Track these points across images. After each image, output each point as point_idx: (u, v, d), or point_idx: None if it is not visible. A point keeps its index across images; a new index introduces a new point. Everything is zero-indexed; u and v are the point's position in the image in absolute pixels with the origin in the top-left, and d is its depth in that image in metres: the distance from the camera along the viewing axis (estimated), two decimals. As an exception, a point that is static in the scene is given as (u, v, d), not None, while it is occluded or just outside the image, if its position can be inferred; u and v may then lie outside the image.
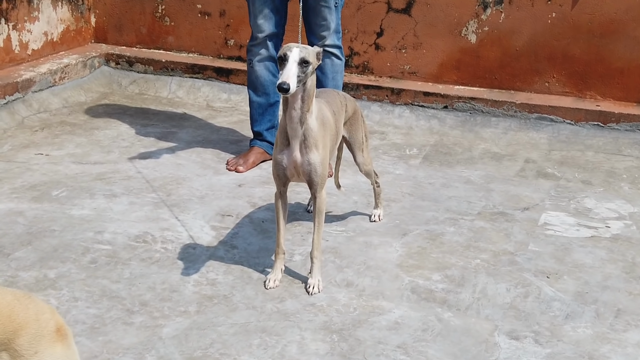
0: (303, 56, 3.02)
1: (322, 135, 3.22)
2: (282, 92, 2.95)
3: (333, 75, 4.51)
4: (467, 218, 4.07)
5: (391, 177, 4.59)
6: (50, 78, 5.55)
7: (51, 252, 3.51)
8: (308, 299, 3.25)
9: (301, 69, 3.01)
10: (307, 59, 3.03)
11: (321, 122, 3.22)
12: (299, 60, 3.00)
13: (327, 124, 3.28)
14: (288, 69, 2.98)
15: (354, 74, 5.79)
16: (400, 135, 5.32)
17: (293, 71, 2.98)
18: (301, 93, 3.07)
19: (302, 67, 3.01)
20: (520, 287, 3.42)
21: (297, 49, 3.02)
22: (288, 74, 2.97)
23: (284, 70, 2.99)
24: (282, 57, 3.02)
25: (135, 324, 3.01)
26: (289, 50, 3.02)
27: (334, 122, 3.38)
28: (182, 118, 5.46)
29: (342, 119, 3.52)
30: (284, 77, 2.97)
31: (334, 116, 3.40)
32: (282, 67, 3.00)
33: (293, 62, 2.99)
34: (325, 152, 3.25)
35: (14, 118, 5.18)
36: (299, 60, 3.01)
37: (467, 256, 3.67)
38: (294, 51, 3.01)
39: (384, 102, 5.59)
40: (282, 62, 3.01)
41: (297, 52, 3.01)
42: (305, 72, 3.03)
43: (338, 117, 3.46)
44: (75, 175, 4.38)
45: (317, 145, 3.19)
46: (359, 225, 3.95)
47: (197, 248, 3.62)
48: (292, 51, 3.01)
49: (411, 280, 3.43)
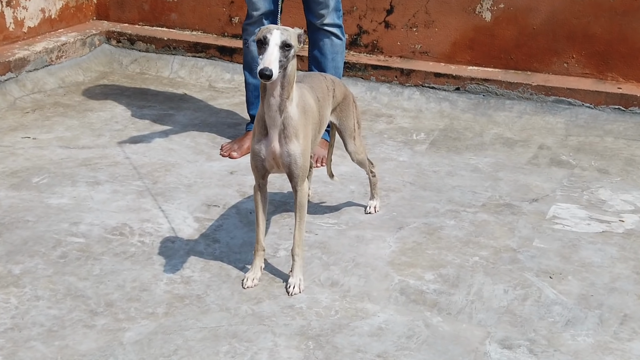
0: (284, 39, 2.77)
1: (303, 124, 2.98)
2: (263, 78, 2.71)
3: (333, 56, 4.25)
4: (470, 210, 3.81)
5: (393, 164, 4.33)
6: (46, 57, 5.35)
7: (20, 245, 3.32)
8: (287, 300, 3.02)
9: (283, 53, 2.77)
10: (288, 42, 2.78)
11: (302, 109, 2.98)
12: (281, 44, 2.76)
13: (309, 112, 3.03)
14: (269, 53, 2.74)
15: (362, 54, 5.52)
16: (409, 118, 5.05)
17: (275, 55, 2.74)
18: (281, 79, 2.82)
19: (283, 51, 2.77)
20: (520, 288, 3.16)
21: (277, 31, 2.78)
22: (269, 59, 2.73)
23: (265, 54, 2.74)
24: (262, 40, 2.77)
25: (97, 327, 2.80)
26: (269, 33, 2.77)
27: (318, 109, 3.13)
28: (182, 99, 5.24)
29: (328, 106, 3.27)
30: (265, 62, 2.72)
31: (318, 103, 3.15)
32: (263, 52, 2.75)
33: (274, 45, 2.75)
34: (307, 142, 3.00)
35: (5, 99, 4.99)
36: (280, 43, 2.76)
37: (465, 253, 3.41)
38: (275, 34, 2.77)
39: (393, 83, 5.32)
40: (262, 46, 2.76)
41: (278, 34, 2.77)
42: (287, 56, 2.79)
43: (323, 104, 3.21)
44: (60, 160, 4.18)
45: (298, 135, 2.95)
46: (353, 217, 3.71)
47: (176, 242, 3.41)
48: (273, 34, 2.76)
49: (401, 280, 3.18)
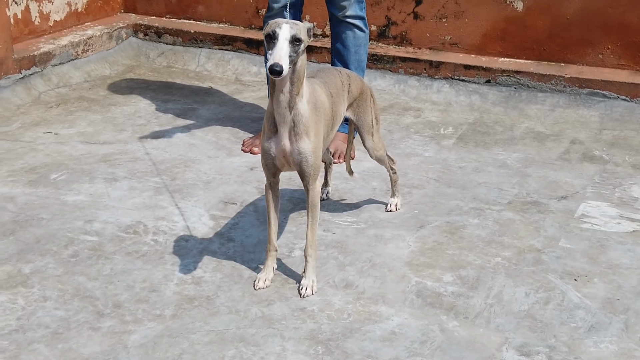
0: (294, 33, 2.68)
1: (314, 121, 2.88)
2: (274, 74, 2.63)
3: (355, 49, 4.14)
4: (495, 208, 3.69)
5: (418, 159, 4.22)
6: (72, 51, 5.31)
7: (33, 243, 3.27)
8: (298, 303, 2.93)
9: (293, 48, 2.68)
10: (298, 36, 2.69)
11: (313, 106, 2.88)
12: (290, 38, 2.67)
13: (321, 108, 2.93)
14: (279, 48, 2.65)
15: (390, 46, 5.41)
16: (437, 112, 4.93)
17: (285, 50, 2.65)
18: (290, 75, 2.73)
19: (293, 46, 2.68)
20: (542, 291, 3.03)
21: (287, 26, 2.69)
22: (279, 54, 2.64)
23: (274, 49, 2.65)
24: (271, 35, 2.68)
25: (102, 330, 2.74)
26: (278, 27, 2.68)
27: (330, 105, 3.04)
28: (207, 93, 5.17)
29: (342, 101, 3.17)
30: (275, 57, 2.63)
31: (331, 99, 3.05)
32: (272, 47, 2.67)
33: (284, 40, 2.66)
34: (318, 140, 2.91)
35: (30, 93, 4.96)
36: (290, 38, 2.67)
37: (487, 253, 3.29)
38: (284, 28, 2.68)
39: (422, 75, 5.20)
40: (271, 41, 2.68)
41: (288, 28, 2.68)
42: (296, 51, 2.70)
43: (336, 100, 3.11)
44: (80, 156, 4.14)
45: (308, 132, 2.86)
46: (373, 215, 3.61)
47: (189, 240, 3.34)
48: (282, 28, 2.67)
49: (419, 282, 3.08)
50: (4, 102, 4.79)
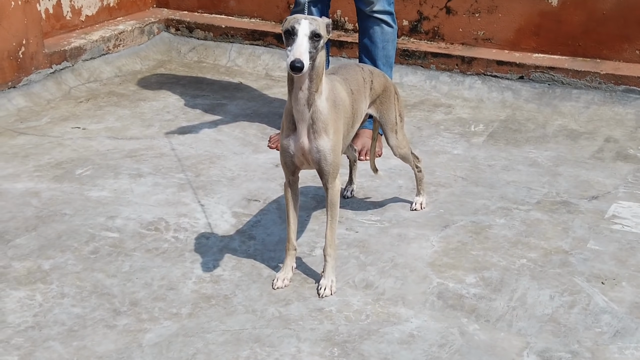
0: (314, 29, 2.64)
1: (333, 118, 2.84)
2: (294, 71, 2.58)
3: (383, 44, 4.08)
4: (523, 208, 3.61)
5: (447, 157, 4.15)
6: (103, 45, 5.32)
7: (54, 239, 3.27)
8: (317, 303, 2.89)
9: (312, 44, 2.63)
10: (318, 31, 2.65)
11: (332, 103, 2.84)
12: (310, 34, 2.63)
13: (340, 106, 2.89)
14: (298, 44, 2.61)
15: (422, 41, 5.33)
16: (469, 109, 4.85)
17: (305, 46, 2.61)
18: (309, 71, 2.68)
19: (313, 42, 2.64)
20: (567, 294, 2.96)
21: (306, 21, 2.64)
22: (299, 50, 2.60)
23: (294, 45, 2.61)
24: (290, 30, 2.64)
25: (118, 328, 2.72)
26: (297, 23, 2.64)
27: (351, 102, 2.98)
28: (237, 88, 5.15)
29: (364, 99, 3.12)
30: (295, 53, 2.59)
31: (351, 96, 3.00)
32: (291, 43, 2.62)
33: (303, 36, 2.62)
34: (337, 138, 2.86)
35: (60, 88, 4.98)
36: (310, 33, 2.63)
37: (512, 254, 3.22)
38: (303, 24, 2.63)
39: (454, 71, 5.12)
40: (290, 37, 2.63)
41: (307, 24, 2.64)
42: (316, 47, 2.66)
43: (357, 97, 3.05)
44: (106, 151, 4.14)
45: (327, 129, 2.81)
46: (397, 214, 3.55)
47: (210, 238, 3.31)
48: (301, 24, 2.63)
49: (440, 283, 3.02)
50: (35, 96, 4.81)
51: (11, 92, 4.73)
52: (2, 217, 3.43)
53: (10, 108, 4.65)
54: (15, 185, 3.73)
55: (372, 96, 3.20)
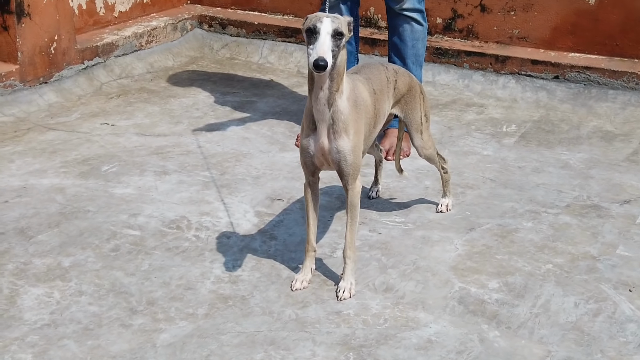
0: (336, 27, 2.60)
1: (353, 118, 2.79)
2: (318, 70, 2.55)
3: (413, 42, 4.02)
4: (552, 211, 3.53)
5: (476, 158, 4.08)
6: (136, 42, 5.32)
7: (76, 236, 3.27)
8: (335, 306, 2.85)
9: (335, 42, 2.59)
10: (340, 29, 2.61)
11: (353, 103, 2.79)
12: (332, 32, 2.59)
13: (361, 106, 2.84)
14: (321, 42, 2.57)
15: (456, 39, 5.26)
16: (501, 109, 4.77)
17: (328, 45, 2.57)
18: (330, 70, 2.64)
19: (335, 40, 2.60)
20: (593, 302, 2.88)
21: (328, 19, 2.60)
22: (323, 49, 2.56)
23: (317, 44, 2.57)
24: (312, 29, 2.60)
25: (133, 327, 2.71)
26: (319, 22, 2.60)
27: (372, 102, 2.94)
28: (267, 86, 5.12)
29: (387, 98, 3.07)
30: (318, 51, 2.56)
31: (374, 96, 2.95)
32: (313, 41, 2.59)
33: (326, 34, 2.58)
34: (358, 138, 2.81)
35: (92, 84, 4.99)
36: (332, 31, 2.59)
37: (538, 259, 3.15)
38: (326, 22, 2.60)
39: (487, 70, 5.04)
40: (312, 35, 2.60)
41: (329, 22, 2.60)
42: (338, 45, 2.62)
43: (380, 97, 3.00)
44: (133, 148, 4.13)
45: (348, 130, 2.77)
46: (422, 216, 3.49)
47: (231, 237, 3.28)
48: (323, 22, 2.59)
49: (462, 288, 2.96)
50: (66, 92, 4.83)
51: (43, 87, 4.75)
52: (26, 213, 3.44)
53: (41, 103, 4.67)
54: (42, 181, 3.74)
55: (396, 96, 3.15)
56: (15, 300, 2.83)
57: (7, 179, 3.75)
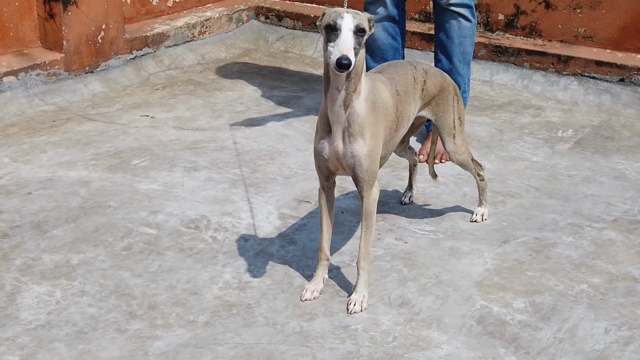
0: (358, 23, 2.45)
1: (371, 121, 2.61)
2: (341, 68, 2.40)
3: (460, 40, 3.81)
4: (597, 226, 3.28)
5: (523, 165, 3.84)
6: (188, 32, 5.23)
7: (91, 232, 3.18)
8: (343, 319, 2.68)
9: (357, 40, 2.43)
10: (362, 26, 2.46)
11: (371, 105, 2.61)
12: (354, 29, 2.43)
13: (381, 108, 2.66)
14: (343, 39, 2.42)
15: (518, 37, 5.00)
16: (560, 112, 4.50)
17: (350, 42, 2.42)
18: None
19: (357, 37, 2.44)
20: (626, 329, 2.64)
21: (349, 15, 2.45)
22: (345, 46, 2.41)
23: (338, 41, 2.42)
24: (332, 25, 2.44)
25: (129, 333, 2.59)
26: (339, 17, 2.44)
27: (395, 104, 2.75)
28: (317, 81, 4.96)
29: (413, 100, 2.87)
30: (341, 49, 2.40)
31: (396, 97, 2.77)
32: (334, 38, 2.43)
33: (348, 31, 2.43)
34: (376, 142, 2.63)
35: (139, 74, 4.91)
36: (354, 28, 2.43)
37: (572, 278, 2.92)
38: (347, 18, 2.44)
39: (549, 71, 4.77)
40: (333, 32, 2.44)
41: (351, 18, 2.44)
42: (360, 42, 2.47)
43: (404, 99, 2.81)
44: (168, 142, 4.03)
45: (364, 133, 2.59)
46: (455, 225, 3.29)
47: (249, 240, 3.15)
48: (345, 18, 2.44)
49: (484, 306, 2.75)
50: (112, 82, 4.77)
51: (88, 76, 4.70)
52: (47, 206, 3.37)
53: (85, 93, 4.61)
54: (69, 173, 3.67)
55: (424, 97, 2.95)
56: (15, 298, 2.76)
57: (36, 170, 3.69)
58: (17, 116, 4.28)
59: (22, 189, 3.51)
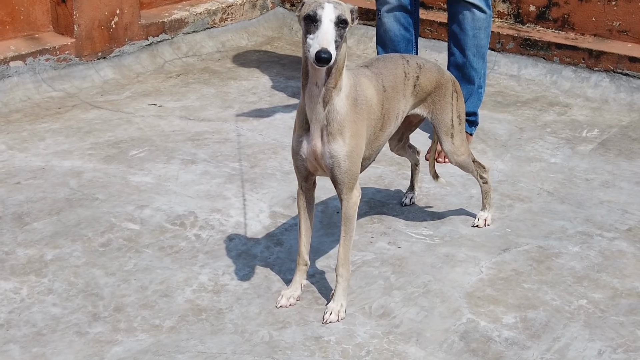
0: (339, 14, 2.27)
1: (352, 119, 2.44)
2: (321, 63, 2.22)
3: (474, 32, 3.60)
4: (608, 235, 3.06)
5: (539, 166, 3.62)
6: (208, 19, 5.10)
7: (72, 226, 3.06)
8: (317, 329, 2.52)
9: (338, 32, 2.25)
10: (344, 17, 2.29)
11: (353, 102, 2.44)
12: (336, 20, 2.25)
13: (363, 105, 2.48)
14: (324, 31, 2.24)
15: (549, 30, 4.75)
16: (588, 110, 4.26)
17: (331, 34, 2.24)
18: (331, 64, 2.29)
19: (338, 29, 2.26)
20: (622, 351, 2.43)
21: (330, 5, 2.27)
22: (326, 38, 2.23)
23: (318, 33, 2.24)
24: (312, 16, 2.27)
25: (89, 336, 2.47)
26: (319, 7, 2.26)
27: (380, 101, 2.57)
28: (337, 71, 4.76)
29: (402, 97, 2.69)
30: (321, 42, 2.23)
31: (383, 93, 2.58)
32: (313, 30, 2.26)
33: (329, 22, 2.25)
34: (357, 142, 2.46)
35: (154, 61, 4.80)
36: (335, 19, 2.25)
37: (572, 292, 2.71)
38: (328, 8, 2.26)
39: (579, 66, 4.52)
40: (312, 23, 2.27)
41: (332, 8, 2.27)
42: (342, 35, 2.30)
43: (392, 95, 2.63)
44: (171, 132, 3.91)
45: (343, 132, 2.42)
46: (455, 230, 3.10)
47: (234, 240, 3.00)
48: (325, 8, 2.26)
49: (471, 320, 2.56)
50: (125, 69, 4.65)
51: (100, 62, 4.60)
52: (33, 197, 3.26)
53: (96, 80, 4.51)
54: (63, 163, 3.56)
55: (417, 94, 2.76)
56: (-20, 294, 2.65)
57: (30, 159, 3.60)
58: (22, 102, 4.19)
59: (11, 178, 3.41)
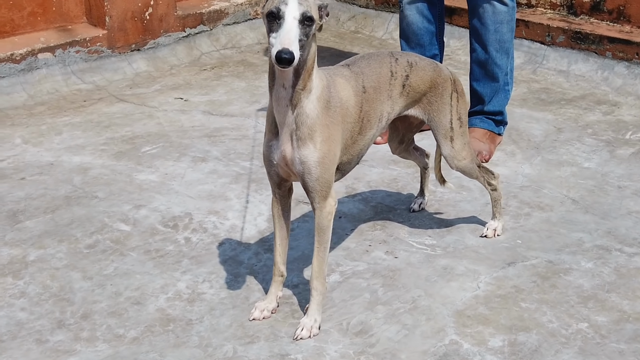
0: (304, 11, 2.11)
1: (324, 123, 2.27)
2: (282, 64, 2.07)
3: (495, 26, 3.37)
4: (628, 250, 2.81)
5: (570, 171, 3.37)
6: (250, 10, 4.98)
7: (63, 226, 2.99)
8: (285, 346, 2.36)
9: (303, 30, 2.09)
10: (309, 14, 2.12)
11: (325, 104, 2.27)
12: (300, 17, 2.09)
13: (337, 108, 2.31)
14: (286, 30, 2.09)
15: (603, 22, 4.45)
16: (637, 110, 3.97)
17: (294, 33, 2.09)
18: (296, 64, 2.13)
19: (303, 27, 2.10)
20: (615, 384, 2.19)
21: (294, 1, 2.11)
22: (288, 37, 2.08)
23: (280, 32, 2.09)
24: (274, 13, 2.11)
25: (48, 344, 2.38)
26: (283, 4, 2.11)
27: (359, 103, 2.39)
28: (377, 65, 4.58)
29: (387, 98, 2.50)
30: (282, 41, 2.07)
31: (362, 95, 2.41)
32: (276, 28, 2.10)
33: (292, 20, 2.10)
34: (329, 148, 2.29)
35: (190, 54, 4.70)
36: (300, 16, 2.09)
37: (573, 314, 2.48)
38: (291, 4, 2.11)
39: (633, 62, 4.22)
40: (275, 21, 2.11)
41: (296, 5, 2.11)
42: (307, 33, 2.13)
43: (374, 96, 2.45)
44: (190, 128, 3.81)
45: (314, 137, 2.26)
46: (460, 240, 2.90)
47: (224, 244, 2.87)
48: (289, 4, 2.11)
49: (454, 342, 2.37)
50: (159, 61, 4.58)
51: (134, 55, 4.53)
52: (33, 194, 3.21)
53: (128, 72, 4.45)
54: (73, 159, 3.50)
55: (408, 94, 2.57)
56: (-49, 296, 2.59)
57: (42, 153, 3.55)
58: (49, 94, 4.16)
59: (18, 174, 3.37)
